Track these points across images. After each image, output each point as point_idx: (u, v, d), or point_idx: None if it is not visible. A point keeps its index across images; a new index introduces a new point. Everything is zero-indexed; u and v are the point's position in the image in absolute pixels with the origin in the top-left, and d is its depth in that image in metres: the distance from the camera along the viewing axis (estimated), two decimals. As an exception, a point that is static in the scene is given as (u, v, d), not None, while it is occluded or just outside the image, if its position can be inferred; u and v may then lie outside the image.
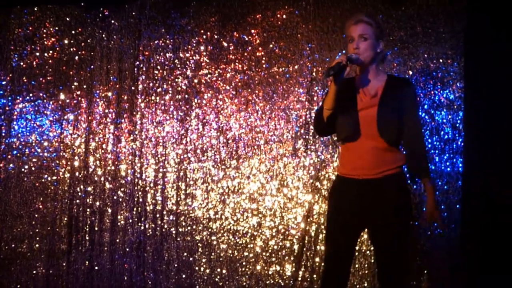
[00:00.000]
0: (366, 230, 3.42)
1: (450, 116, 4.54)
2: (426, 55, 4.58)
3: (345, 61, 3.03)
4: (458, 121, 4.52)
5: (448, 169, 4.53)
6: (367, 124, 3.18)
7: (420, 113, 3.49)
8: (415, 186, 4.49)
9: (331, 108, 3.16)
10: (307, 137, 4.74)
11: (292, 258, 4.75)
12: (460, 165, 4.51)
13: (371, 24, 3.21)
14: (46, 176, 5.09)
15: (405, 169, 3.28)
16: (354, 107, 3.21)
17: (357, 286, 4.61)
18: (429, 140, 4.55)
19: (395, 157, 3.23)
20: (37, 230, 5.06)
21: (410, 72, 4.59)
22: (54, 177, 5.07)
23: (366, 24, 3.20)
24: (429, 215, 3.29)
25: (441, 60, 4.55)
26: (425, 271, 4.54)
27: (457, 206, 4.50)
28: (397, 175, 3.22)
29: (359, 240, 4.37)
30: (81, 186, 5.04)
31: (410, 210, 3.30)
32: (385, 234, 3.16)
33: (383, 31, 3.32)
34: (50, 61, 5.11)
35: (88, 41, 5.09)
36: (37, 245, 5.06)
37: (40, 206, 5.07)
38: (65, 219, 5.04)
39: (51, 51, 5.11)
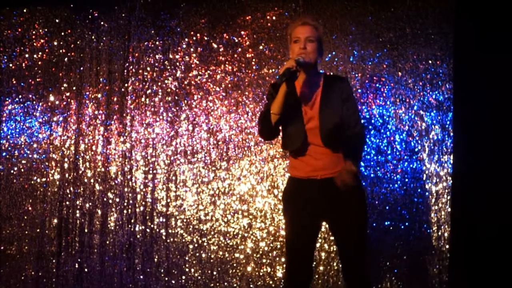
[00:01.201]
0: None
1: (439, 117, 4.55)
2: (415, 57, 4.58)
3: (295, 66, 3.11)
4: (448, 122, 4.54)
5: (438, 170, 4.54)
6: (313, 135, 3.27)
7: (357, 106, 3.47)
8: (405, 188, 4.49)
9: (279, 113, 3.22)
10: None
11: (282, 259, 4.74)
12: (450, 165, 4.52)
13: (317, 27, 3.30)
14: (35, 177, 5.05)
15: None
16: (301, 119, 3.27)
17: None
18: (419, 141, 4.56)
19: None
20: (26, 232, 5.02)
21: (399, 74, 4.59)
22: (44, 179, 5.04)
23: (313, 27, 3.27)
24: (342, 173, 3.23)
25: (430, 62, 4.56)
26: (414, 272, 4.54)
27: (447, 206, 4.50)
28: None
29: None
30: (71, 188, 5.01)
31: (364, 203, 3.38)
32: (345, 224, 3.27)
33: (323, 36, 3.41)
34: (40, 62, 5.07)
35: (78, 42, 5.06)
36: (26, 247, 5.02)
37: (30, 208, 5.04)
38: (55, 221, 5.01)
39: (40, 53, 5.08)
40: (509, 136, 4.28)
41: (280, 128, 3.38)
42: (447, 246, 4.51)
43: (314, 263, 4.63)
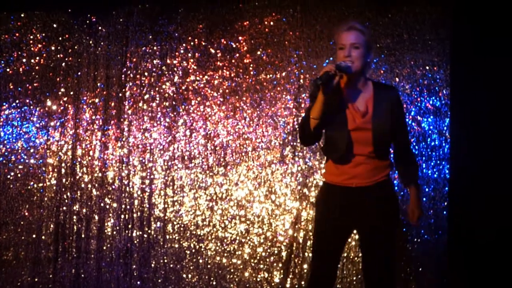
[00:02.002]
0: (354, 236, 3.41)
1: (436, 123, 4.53)
2: (412, 62, 4.56)
3: (334, 69, 2.96)
4: (445, 128, 4.51)
5: (435, 175, 4.53)
6: (361, 144, 3.14)
7: (405, 118, 3.45)
8: (402, 193, 4.49)
9: (318, 118, 3.07)
10: (294, 144, 4.71)
11: (280, 265, 4.71)
12: (447, 171, 4.50)
13: (363, 32, 3.14)
14: (32, 183, 5.02)
15: (397, 177, 3.31)
16: (345, 126, 3.13)
17: (345, 293, 4.59)
18: (416, 147, 4.55)
19: (385, 165, 3.24)
20: (22, 238, 4.99)
21: (397, 79, 4.58)
22: (41, 184, 5.01)
23: (359, 32, 3.12)
24: (410, 212, 3.39)
25: (427, 67, 4.54)
26: (412, 277, 4.51)
27: (444, 212, 4.49)
28: (387, 182, 3.25)
29: (347, 246, 4.41)
30: (68, 193, 4.98)
31: (398, 215, 3.31)
32: (374, 236, 3.16)
33: (371, 40, 3.26)
34: (37, 67, 5.05)
35: (75, 47, 5.04)
36: (22, 253, 4.99)
37: (26, 213, 5.01)
38: (52, 226, 4.98)
39: (37, 58, 5.06)
40: (506, 141, 4.26)
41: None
42: (444, 251, 4.47)
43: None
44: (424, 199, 4.52)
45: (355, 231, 3.44)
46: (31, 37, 5.07)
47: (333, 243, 3.25)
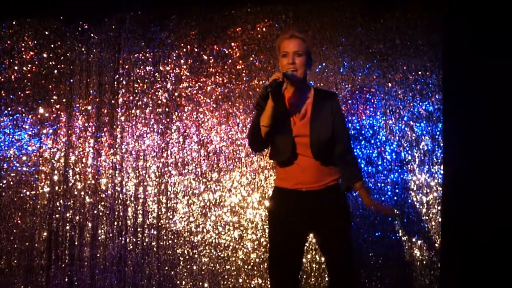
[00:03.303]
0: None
1: (429, 128, 4.51)
2: (405, 67, 4.53)
3: (282, 77, 3.05)
4: (437, 133, 4.49)
5: (428, 180, 4.49)
6: (303, 147, 3.22)
7: (346, 123, 3.48)
8: (395, 198, 4.44)
9: (268, 125, 3.15)
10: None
11: (274, 271, 4.63)
12: (440, 176, 4.46)
13: (305, 40, 3.22)
14: (24, 190, 4.94)
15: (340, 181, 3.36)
16: (289, 131, 3.22)
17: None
18: (409, 152, 4.51)
19: (332, 169, 3.31)
20: (15, 246, 4.90)
21: (389, 84, 4.54)
22: (33, 192, 4.93)
23: (301, 40, 3.21)
24: (375, 207, 3.43)
25: (420, 72, 4.52)
26: (406, 283, 4.47)
27: (438, 217, 4.44)
28: (337, 186, 3.33)
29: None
30: (61, 201, 4.90)
31: (349, 214, 3.39)
32: (331, 236, 3.22)
33: (312, 48, 3.40)
34: (29, 74, 4.98)
35: (68, 54, 4.97)
36: (15, 261, 4.90)
37: (19, 221, 4.92)
38: (44, 234, 4.90)
39: (29, 65, 4.98)
40: (500, 146, 4.21)
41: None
42: (437, 257, 4.44)
43: (305, 275, 4.56)
44: (417, 204, 4.48)
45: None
46: (23, 44, 5.00)
47: (291, 248, 3.26)
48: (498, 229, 4.17)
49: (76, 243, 4.88)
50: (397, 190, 4.52)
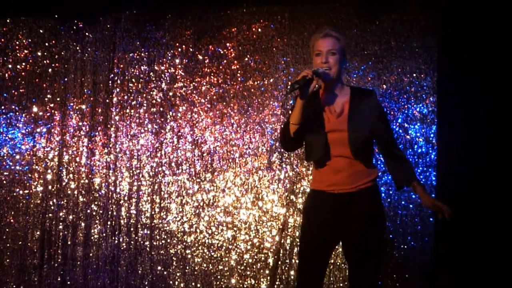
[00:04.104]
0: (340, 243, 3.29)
1: (423, 130, 4.48)
2: (400, 70, 4.51)
3: (311, 74, 2.92)
4: (432, 135, 4.46)
5: (422, 182, 4.43)
6: (339, 145, 3.07)
7: (389, 121, 3.37)
8: (389, 200, 4.42)
9: (298, 123, 3.03)
10: (282, 150, 4.59)
11: (267, 272, 4.60)
12: (434, 178, 4.45)
13: (339, 39, 3.12)
14: (18, 189, 4.89)
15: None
16: (322, 128, 3.08)
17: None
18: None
19: (369, 170, 3.13)
20: (8, 245, 4.86)
21: (384, 86, 4.51)
22: (26, 191, 4.88)
23: (335, 38, 3.10)
24: (433, 208, 3.14)
25: (414, 75, 4.49)
26: (399, 284, 4.44)
27: (431, 219, 4.43)
28: (371, 188, 3.13)
29: (334, 252, 4.30)
30: (54, 200, 4.85)
31: (385, 222, 3.21)
32: (359, 245, 3.05)
33: (346, 47, 3.24)
34: (23, 73, 4.93)
35: (62, 53, 4.93)
36: (7, 260, 4.86)
37: (12, 220, 4.87)
38: (37, 233, 4.85)
39: (24, 63, 4.93)
40: (493, 148, 4.20)
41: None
42: (431, 258, 4.41)
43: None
44: (411, 205, 4.47)
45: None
46: (17, 42, 4.94)
47: (320, 250, 3.14)
48: (491, 230, 4.18)
49: (69, 243, 4.83)
50: (390, 192, 4.49)
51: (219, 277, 4.68)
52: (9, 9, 4.87)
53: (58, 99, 4.90)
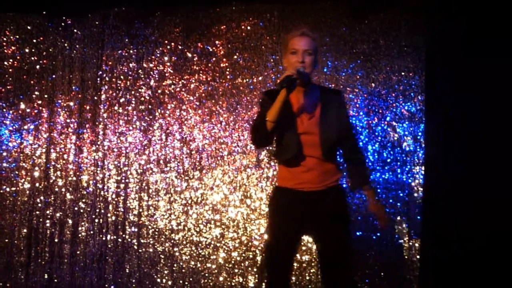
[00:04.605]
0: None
1: (411, 128, 4.48)
2: (388, 68, 4.50)
3: (295, 74, 2.97)
4: (419, 133, 4.47)
5: (409, 180, 4.46)
6: (310, 147, 3.12)
7: (351, 121, 3.40)
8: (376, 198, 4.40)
9: (274, 121, 3.03)
10: (270, 148, 4.56)
11: (255, 270, 4.58)
12: (421, 176, 4.43)
13: (315, 39, 3.14)
14: (4, 187, 4.83)
15: (346, 180, 3.37)
16: (295, 130, 3.12)
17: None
18: (391, 152, 4.48)
19: (335, 169, 3.22)
20: (-6, 242, 4.79)
21: (373, 85, 4.51)
22: (13, 188, 4.82)
23: (311, 39, 3.12)
24: (377, 214, 3.34)
25: (403, 73, 4.48)
26: (386, 282, 4.44)
27: (418, 217, 4.42)
28: (339, 187, 3.24)
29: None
30: (41, 197, 4.80)
31: (350, 217, 3.27)
32: (328, 239, 3.12)
33: (319, 47, 3.31)
34: (10, 70, 4.86)
35: (50, 50, 4.86)
36: (-6, 258, 4.79)
37: (-2, 218, 4.80)
38: (24, 230, 4.79)
39: (11, 60, 4.86)
40: (480, 147, 4.20)
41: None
42: (417, 256, 4.41)
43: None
44: (399, 204, 4.47)
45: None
46: (5, 39, 4.88)
47: (288, 247, 3.19)
48: (477, 229, 4.17)
49: (56, 240, 4.77)
50: (378, 190, 4.48)
51: (207, 275, 4.65)
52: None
53: (46, 96, 4.84)
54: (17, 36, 4.87)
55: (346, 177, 3.34)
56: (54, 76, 4.85)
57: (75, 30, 4.86)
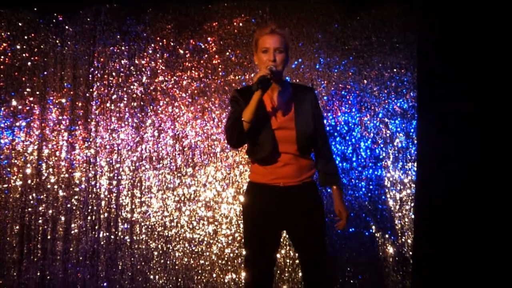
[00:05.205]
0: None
1: (403, 125, 4.47)
2: (380, 65, 4.49)
3: (269, 74, 2.99)
4: (412, 130, 4.46)
5: (402, 177, 4.46)
6: (286, 142, 3.14)
7: (323, 117, 3.50)
8: (369, 194, 4.37)
9: (250, 121, 3.05)
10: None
11: (247, 266, 4.54)
12: (413, 173, 4.42)
13: (284, 36, 3.15)
14: (-4, 183, 4.78)
15: (317, 175, 3.34)
16: (269, 126, 3.13)
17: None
18: (384, 149, 4.46)
19: (310, 165, 3.25)
20: (-14, 239, 4.76)
21: (365, 81, 4.48)
22: (5, 185, 4.77)
23: (281, 36, 3.13)
24: (338, 214, 3.36)
25: (395, 70, 4.47)
26: (378, 278, 4.44)
27: (410, 213, 4.40)
28: (313, 182, 3.28)
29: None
30: (34, 194, 4.75)
31: (323, 211, 3.29)
32: (305, 233, 3.16)
33: (289, 43, 3.28)
34: (2, 66, 4.81)
35: (42, 46, 4.81)
36: (-14, 255, 4.76)
37: (-10, 215, 4.77)
38: (17, 227, 4.75)
39: (2, 56, 4.81)
40: (473, 143, 4.18)
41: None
42: (410, 253, 4.41)
43: (279, 270, 4.48)
44: (391, 200, 4.44)
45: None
46: (-4, 35, 4.83)
47: (266, 243, 3.19)
48: (470, 226, 4.14)
49: (48, 237, 4.74)
50: (371, 187, 4.46)
51: (200, 271, 4.62)
52: (-14, 2, 4.76)
53: (37, 92, 4.79)
54: (8, 33, 4.81)
55: (318, 174, 3.36)
56: (45, 72, 4.80)
57: (66, 27, 4.81)
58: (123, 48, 4.75)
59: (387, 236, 4.44)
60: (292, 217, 3.16)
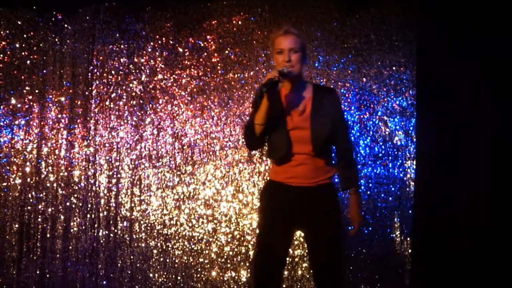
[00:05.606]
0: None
1: (402, 123, 4.47)
2: (379, 63, 4.48)
3: (277, 76, 2.94)
4: (411, 128, 4.45)
5: (401, 175, 4.46)
6: (301, 143, 3.10)
7: (346, 120, 3.44)
8: (368, 192, 4.37)
9: (263, 124, 3.03)
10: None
11: (247, 264, 4.55)
12: (413, 171, 4.42)
13: (299, 36, 3.11)
14: (-4, 182, 4.77)
15: (337, 178, 3.30)
16: (284, 126, 3.09)
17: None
18: (383, 147, 4.46)
19: (327, 167, 3.18)
20: (-15, 238, 4.75)
21: (364, 79, 4.48)
22: (5, 183, 4.77)
23: (296, 36, 3.09)
24: (353, 221, 3.26)
25: (394, 68, 4.46)
26: (377, 276, 4.42)
27: (410, 211, 4.41)
28: (330, 185, 3.19)
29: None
30: (33, 193, 4.75)
31: (341, 216, 3.22)
32: (318, 237, 3.10)
33: (306, 43, 3.26)
34: (1, 65, 4.80)
35: (41, 45, 4.79)
36: (-15, 253, 4.75)
37: (-11, 213, 4.76)
38: (16, 226, 4.74)
39: (1, 55, 4.80)
40: (472, 141, 4.19)
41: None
42: (409, 251, 4.40)
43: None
44: (390, 198, 4.45)
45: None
46: (-5, 34, 4.81)
47: (278, 243, 3.14)
48: (469, 224, 4.16)
49: (48, 236, 4.73)
50: (370, 184, 4.46)
51: (199, 269, 4.62)
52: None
53: (36, 91, 4.78)
54: (8, 31, 4.80)
55: (338, 177, 3.30)
56: (45, 71, 4.78)
57: (65, 25, 4.79)
58: (122, 46, 4.74)
59: (386, 234, 4.44)
60: (306, 218, 3.11)
